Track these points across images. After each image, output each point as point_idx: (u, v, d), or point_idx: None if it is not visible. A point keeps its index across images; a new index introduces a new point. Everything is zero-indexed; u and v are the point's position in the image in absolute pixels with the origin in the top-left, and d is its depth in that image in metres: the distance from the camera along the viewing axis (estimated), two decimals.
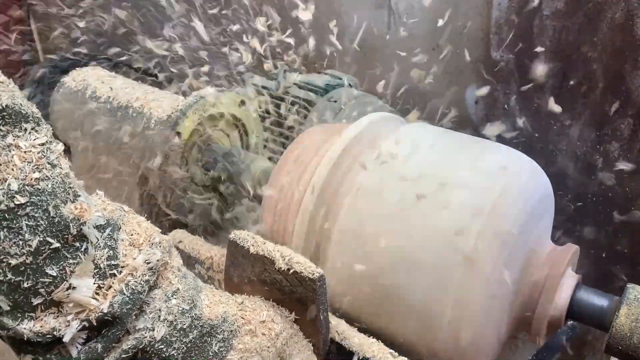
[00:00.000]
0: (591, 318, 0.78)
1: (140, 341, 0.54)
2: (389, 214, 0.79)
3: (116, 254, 0.53)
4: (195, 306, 0.59)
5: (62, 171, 0.50)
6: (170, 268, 0.58)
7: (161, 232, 0.59)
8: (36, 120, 0.50)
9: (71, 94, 1.21)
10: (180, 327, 0.57)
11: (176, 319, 0.56)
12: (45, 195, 0.48)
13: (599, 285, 0.82)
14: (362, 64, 1.51)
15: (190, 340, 0.57)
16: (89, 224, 0.51)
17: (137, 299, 0.53)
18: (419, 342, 0.77)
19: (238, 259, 0.69)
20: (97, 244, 0.52)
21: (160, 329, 0.55)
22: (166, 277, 0.57)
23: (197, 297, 0.60)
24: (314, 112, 1.24)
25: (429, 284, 0.74)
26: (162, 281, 0.57)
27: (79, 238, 0.50)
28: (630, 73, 1.08)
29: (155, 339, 0.55)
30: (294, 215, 0.87)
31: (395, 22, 1.41)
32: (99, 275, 0.51)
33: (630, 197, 1.15)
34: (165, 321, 0.55)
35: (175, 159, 1.02)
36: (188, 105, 1.02)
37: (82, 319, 0.50)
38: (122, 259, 0.53)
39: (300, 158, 0.92)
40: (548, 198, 0.86)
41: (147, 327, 0.54)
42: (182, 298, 0.57)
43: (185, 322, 0.57)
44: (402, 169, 0.82)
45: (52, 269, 0.48)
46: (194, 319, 0.58)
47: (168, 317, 0.56)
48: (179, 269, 0.59)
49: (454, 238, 0.74)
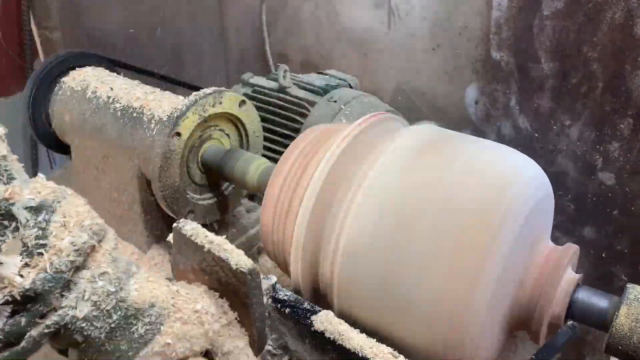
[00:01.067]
0: (591, 318, 0.78)
1: (62, 318, 0.57)
2: (390, 214, 0.79)
3: (45, 234, 0.56)
4: (122, 289, 0.62)
5: None
6: (103, 252, 0.61)
7: (102, 220, 0.62)
8: None
9: (71, 94, 1.21)
10: (104, 307, 0.60)
11: (100, 299, 0.59)
12: None
13: (599, 285, 0.82)
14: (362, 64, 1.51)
15: (114, 321, 0.61)
16: (18, 205, 0.54)
17: (59, 278, 0.56)
18: (419, 342, 0.77)
19: (182, 247, 0.71)
20: (27, 224, 0.55)
21: (83, 308, 0.58)
22: (96, 259, 0.60)
23: (126, 281, 0.63)
24: (314, 112, 1.24)
25: (430, 284, 0.74)
26: (92, 263, 0.60)
27: (8, 217, 0.54)
28: (630, 73, 1.08)
29: (77, 317, 0.58)
30: (294, 215, 0.87)
31: (395, 22, 1.41)
32: (27, 254, 0.55)
33: (630, 197, 1.15)
34: (89, 301, 0.58)
35: (175, 159, 1.02)
36: (188, 105, 1.02)
37: (4, 294, 0.53)
38: (51, 240, 0.56)
39: (300, 158, 0.92)
40: (548, 198, 0.86)
41: (70, 306, 0.57)
42: (108, 280, 0.60)
43: (110, 304, 0.60)
44: (402, 168, 0.82)
45: None
46: (119, 301, 0.61)
47: (92, 297, 0.59)
48: (110, 253, 0.62)
49: (454, 238, 0.74)
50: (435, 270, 0.74)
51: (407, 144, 0.86)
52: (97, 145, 1.15)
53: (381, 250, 0.78)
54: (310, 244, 0.86)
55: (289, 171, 0.91)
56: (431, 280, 0.74)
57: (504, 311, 0.78)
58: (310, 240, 0.86)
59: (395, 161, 0.84)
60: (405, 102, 1.45)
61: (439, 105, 1.39)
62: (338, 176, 0.85)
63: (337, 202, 0.84)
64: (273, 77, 1.35)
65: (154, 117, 1.06)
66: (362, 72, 1.51)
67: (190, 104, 1.02)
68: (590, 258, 1.23)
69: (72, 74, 1.25)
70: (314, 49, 1.63)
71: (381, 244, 0.78)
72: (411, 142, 0.87)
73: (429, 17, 1.33)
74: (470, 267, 0.73)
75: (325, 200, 0.85)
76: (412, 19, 1.37)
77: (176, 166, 1.04)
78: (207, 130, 1.09)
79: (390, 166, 0.83)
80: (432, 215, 0.76)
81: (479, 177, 0.78)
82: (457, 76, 1.33)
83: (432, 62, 1.37)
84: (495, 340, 0.80)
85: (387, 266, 0.77)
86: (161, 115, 1.05)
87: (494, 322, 0.77)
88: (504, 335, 0.81)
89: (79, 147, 1.21)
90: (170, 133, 1.00)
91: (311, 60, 1.65)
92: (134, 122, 1.09)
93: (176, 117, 1.01)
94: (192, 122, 1.03)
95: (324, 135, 0.94)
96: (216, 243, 0.66)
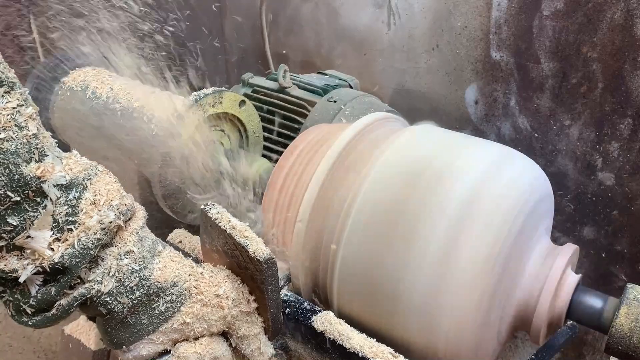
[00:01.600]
0: (591, 318, 0.78)
1: (88, 291, 0.60)
2: (389, 214, 0.79)
3: (75, 211, 0.59)
4: (145, 268, 0.65)
5: (28, 133, 0.55)
6: (131, 231, 0.64)
7: (129, 196, 0.66)
8: (10, 85, 0.55)
9: (71, 94, 1.21)
10: (127, 284, 0.63)
11: (124, 277, 0.62)
12: (7, 155, 0.53)
13: (599, 285, 0.82)
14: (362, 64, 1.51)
15: (137, 297, 0.64)
16: (48, 183, 0.56)
17: (87, 254, 0.59)
18: (418, 342, 0.77)
19: (208, 228, 0.73)
20: (58, 201, 0.57)
21: (108, 283, 0.61)
22: (123, 237, 0.63)
23: (151, 260, 0.66)
24: (314, 112, 1.24)
25: (429, 284, 0.74)
26: (119, 241, 0.63)
27: (39, 194, 0.56)
28: (630, 73, 1.08)
29: (102, 292, 0.61)
30: (294, 215, 0.87)
31: (395, 22, 1.41)
32: (58, 229, 0.58)
33: (630, 197, 1.15)
34: (114, 277, 0.62)
35: (175, 159, 1.02)
36: (188, 105, 1.02)
37: (36, 265, 0.57)
38: (81, 216, 0.59)
39: (300, 158, 0.92)
40: (548, 198, 0.86)
41: (96, 280, 0.61)
42: (133, 259, 0.64)
43: (133, 281, 0.63)
44: (402, 169, 0.82)
45: (13, 218, 0.55)
46: (142, 279, 0.64)
47: (117, 274, 0.62)
48: (137, 232, 0.65)
49: (454, 238, 0.74)
50: (434, 270, 0.74)
51: (407, 145, 0.86)
52: (97, 145, 1.15)
53: (380, 251, 0.78)
54: (310, 244, 0.86)
55: (289, 171, 0.91)
56: (430, 280, 0.74)
57: (504, 311, 0.78)
58: (310, 240, 0.86)
59: (395, 162, 0.84)
60: (405, 102, 1.45)
61: (439, 105, 1.39)
62: (338, 176, 0.85)
63: (337, 202, 0.84)
64: (273, 77, 1.35)
65: (154, 117, 1.06)
66: (362, 72, 1.51)
67: (190, 104, 1.03)
68: (590, 258, 1.23)
69: (72, 74, 1.25)
70: (314, 49, 1.63)
71: (380, 244, 0.78)
72: (411, 142, 0.87)
73: (429, 17, 1.33)
74: (470, 267, 0.73)
75: (325, 200, 0.85)
76: (412, 19, 1.37)
77: (176, 166, 1.04)
78: (207, 130, 1.09)
79: (390, 167, 0.83)
80: (432, 215, 0.76)
81: (478, 177, 0.78)
82: (457, 76, 1.33)
83: (432, 62, 1.37)
84: (495, 340, 0.80)
85: (386, 267, 0.77)
86: (161, 116, 1.05)
87: (494, 322, 0.77)
88: (504, 335, 0.81)
89: (79, 148, 1.21)
90: (170, 133, 1.00)
91: (311, 60, 1.65)
92: (134, 122, 1.09)
93: (176, 117, 1.01)
94: (192, 122, 1.03)
95: (323, 136, 0.94)
96: (238, 229, 0.69)
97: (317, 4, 1.57)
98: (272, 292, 0.69)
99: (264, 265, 0.66)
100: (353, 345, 0.76)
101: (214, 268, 0.73)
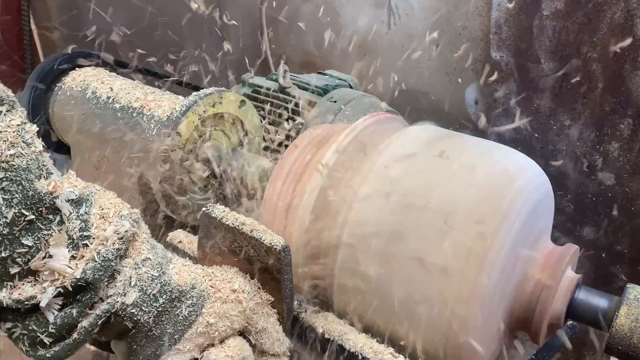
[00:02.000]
0: (591, 318, 0.78)
1: (112, 305, 0.58)
2: (389, 214, 0.79)
3: (88, 226, 0.57)
4: (164, 273, 0.63)
5: (36, 149, 0.55)
6: (141, 240, 0.63)
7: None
8: (11, 104, 0.54)
9: (71, 94, 1.21)
10: (150, 292, 0.61)
11: (146, 285, 0.61)
12: (20, 171, 0.52)
13: (599, 285, 0.82)
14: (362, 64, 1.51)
15: (161, 305, 0.62)
16: (61, 198, 0.55)
17: (108, 266, 0.57)
18: (419, 342, 0.77)
19: (210, 230, 0.73)
20: (70, 217, 0.56)
21: (132, 294, 0.59)
22: (136, 247, 0.62)
23: (166, 266, 0.65)
24: (314, 112, 1.24)
25: (430, 284, 0.74)
26: (133, 251, 0.61)
27: (53, 211, 0.55)
28: (630, 73, 1.08)
29: (126, 304, 0.59)
30: (294, 215, 0.87)
31: (395, 22, 1.41)
32: (73, 246, 0.56)
33: (630, 197, 1.15)
34: (136, 287, 0.60)
35: (175, 159, 1.02)
36: (188, 105, 1.02)
37: (57, 286, 0.54)
38: (93, 231, 0.58)
39: (300, 159, 0.92)
40: (548, 198, 0.86)
41: (119, 293, 0.59)
42: (151, 266, 0.62)
43: (155, 288, 0.62)
44: (403, 169, 0.82)
45: (27, 239, 0.53)
46: (163, 285, 0.63)
47: (139, 283, 0.60)
48: (148, 240, 0.64)
49: (454, 238, 0.74)
50: (434, 269, 0.74)
51: (408, 145, 0.86)
52: (96, 145, 1.15)
53: (381, 250, 0.78)
54: (310, 244, 0.86)
55: (288, 171, 0.91)
56: (430, 279, 0.74)
57: (504, 311, 0.78)
58: (310, 240, 0.86)
59: (396, 162, 0.84)
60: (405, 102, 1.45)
61: (439, 105, 1.39)
62: (338, 176, 0.85)
63: (337, 202, 0.84)
64: (273, 77, 1.35)
65: (154, 118, 1.06)
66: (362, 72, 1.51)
67: (190, 104, 1.03)
68: (590, 258, 1.23)
69: (72, 74, 1.25)
70: (314, 49, 1.63)
71: (380, 244, 0.78)
72: (411, 143, 0.87)
73: (429, 17, 1.33)
74: (470, 267, 0.73)
75: (326, 201, 0.85)
76: (412, 19, 1.37)
77: (176, 167, 1.04)
78: (207, 130, 1.09)
79: (390, 167, 0.83)
80: (432, 215, 0.76)
81: (478, 177, 0.78)
82: (457, 76, 1.33)
83: (432, 62, 1.37)
84: (495, 340, 0.80)
85: (386, 266, 0.77)
86: (161, 116, 1.05)
87: (494, 322, 0.77)
88: (503, 335, 0.81)
89: (79, 148, 1.21)
90: (170, 133, 1.00)
91: (311, 60, 1.65)
92: (134, 122, 1.09)
93: (176, 118, 1.01)
94: (192, 122, 1.03)
95: (324, 136, 0.94)
96: (248, 224, 0.69)
97: (317, 4, 1.57)
98: (288, 282, 0.70)
99: (282, 254, 0.67)
100: (353, 345, 0.76)
101: (221, 267, 0.73)
